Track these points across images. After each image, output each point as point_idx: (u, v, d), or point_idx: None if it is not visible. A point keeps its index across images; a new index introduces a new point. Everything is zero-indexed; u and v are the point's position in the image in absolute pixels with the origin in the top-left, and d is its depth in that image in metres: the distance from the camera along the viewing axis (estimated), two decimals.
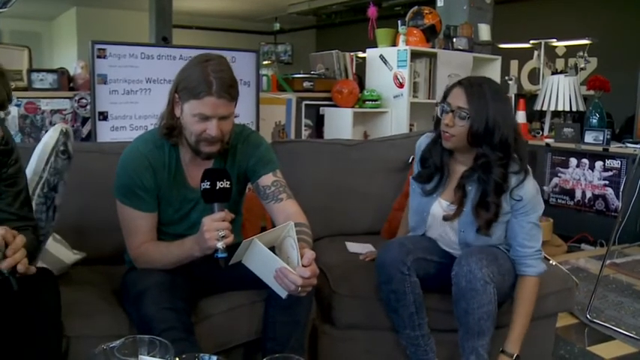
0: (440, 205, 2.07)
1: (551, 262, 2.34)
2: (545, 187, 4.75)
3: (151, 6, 9.21)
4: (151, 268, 1.82)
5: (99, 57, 3.17)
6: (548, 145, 4.78)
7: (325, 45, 12.65)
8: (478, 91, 1.91)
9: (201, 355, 1.13)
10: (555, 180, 4.74)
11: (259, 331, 1.88)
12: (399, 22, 4.23)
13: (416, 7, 4.44)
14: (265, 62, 7.10)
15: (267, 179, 1.93)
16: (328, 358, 2.14)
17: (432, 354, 2.02)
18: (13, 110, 3.23)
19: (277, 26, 14.52)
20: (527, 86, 7.17)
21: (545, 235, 3.20)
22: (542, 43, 5.33)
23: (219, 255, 1.63)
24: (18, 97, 3.22)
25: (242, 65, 3.55)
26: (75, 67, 3.42)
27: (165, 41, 7.16)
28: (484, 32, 4.98)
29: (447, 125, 1.94)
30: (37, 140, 2.15)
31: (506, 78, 5.69)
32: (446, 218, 2.03)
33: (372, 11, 4.33)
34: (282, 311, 1.79)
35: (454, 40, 4.54)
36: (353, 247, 2.45)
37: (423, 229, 2.14)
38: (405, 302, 1.94)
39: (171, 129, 1.84)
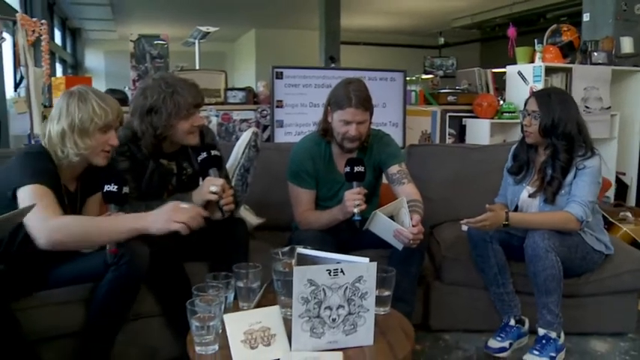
0: (527, 191, 2.66)
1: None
2: None
3: (320, 25, 10.13)
4: (309, 228, 2.60)
5: (277, 78, 4.06)
6: None
7: (490, 57, 12.68)
8: (546, 98, 2.54)
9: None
10: None
11: None
12: (535, 40, 4.66)
13: (555, 25, 4.80)
14: (427, 76, 7.65)
15: (394, 168, 2.63)
16: (438, 307, 2.79)
17: (516, 309, 2.60)
18: (214, 119, 4.20)
19: (442, 40, 14.87)
20: None
21: None
22: None
23: (355, 218, 2.36)
24: (217, 110, 4.17)
25: (387, 83, 4.24)
26: (258, 86, 4.37)
27: (332, 60, 8.02)
28: (627, 45, 5.14)
29: (526, 125, 2.58)
30: (229, 142, 3.04)
31: None
32: (531, 196, 2.62)
33: (511, 31, 4.77)
34: (399, 263, 2.40)
35: (593, 54, 4.79)
36: (465, 227, 3.02)
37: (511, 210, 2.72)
38: (489, 264, 2.56)
39: (325, 131, 2.63)
